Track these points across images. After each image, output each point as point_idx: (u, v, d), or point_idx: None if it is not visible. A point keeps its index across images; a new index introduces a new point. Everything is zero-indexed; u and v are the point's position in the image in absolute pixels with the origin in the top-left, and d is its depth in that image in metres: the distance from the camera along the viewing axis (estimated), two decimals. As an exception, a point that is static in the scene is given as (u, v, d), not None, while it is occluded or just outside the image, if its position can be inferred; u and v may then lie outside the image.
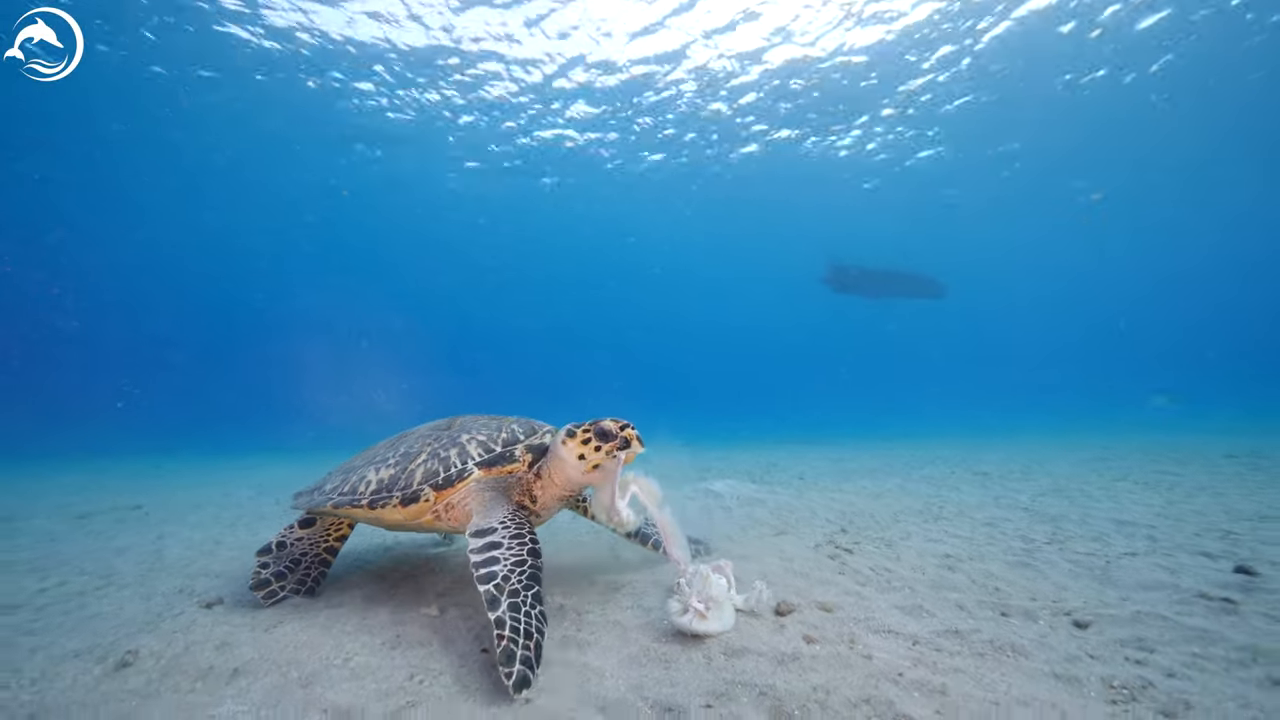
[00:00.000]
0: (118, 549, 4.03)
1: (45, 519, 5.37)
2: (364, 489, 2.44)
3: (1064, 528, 3.97)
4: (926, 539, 3.79)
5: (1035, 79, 18.44)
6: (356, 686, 1.79)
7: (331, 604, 2.55)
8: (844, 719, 1.57)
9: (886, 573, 2.98)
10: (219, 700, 1.71)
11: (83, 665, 1.95)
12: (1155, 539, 3.56)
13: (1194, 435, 11.21)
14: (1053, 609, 2.39)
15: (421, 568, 3.23)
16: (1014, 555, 3.28)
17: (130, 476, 9.54)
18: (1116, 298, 52.27)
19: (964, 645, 2.05)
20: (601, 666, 1.90)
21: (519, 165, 23.32)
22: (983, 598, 2.57)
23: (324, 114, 19.06)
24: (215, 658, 1.99)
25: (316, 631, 2.21)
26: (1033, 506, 4.82)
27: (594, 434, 2.26)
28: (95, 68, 15.40)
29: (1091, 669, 1.85)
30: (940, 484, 6.44)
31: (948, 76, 18.17)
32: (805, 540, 3.75)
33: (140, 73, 16.22)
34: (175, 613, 2.50)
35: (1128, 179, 26.38)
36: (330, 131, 20.34)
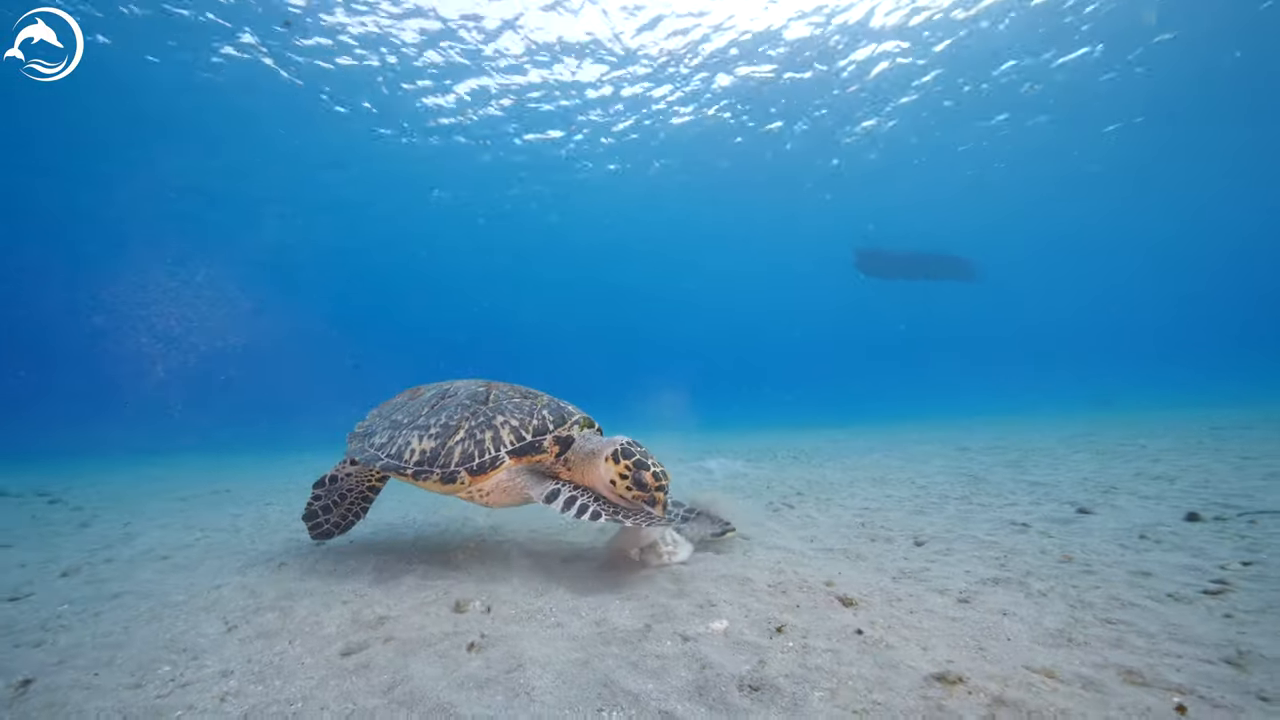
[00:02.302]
0: (231, 515, 5.35)
1: (160, 501, 6.81)
2: (409, 457, 2.73)
3: (981, 488, 4.77)
4: (863, 499, 4.67)
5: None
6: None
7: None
8: (732, 588, 2.55)
9: (808, 520, 3.92)
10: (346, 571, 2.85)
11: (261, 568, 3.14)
12: (1045, 492, 4.35)
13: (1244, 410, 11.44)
14: (907, 537, 3.29)
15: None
16: (918, 507, 4.15)
17: (202, 469, 11.22)
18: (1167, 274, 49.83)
19: (827, 555, 2.99)
20: (628, 579, 2.94)
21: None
22: (865, 532, 3.48)
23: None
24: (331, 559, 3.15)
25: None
26: (977, 474, 5.60)
27: (632, 479, 2.50)
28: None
29: (897, 564, 2.76)
30: (914, 458, 7.21)
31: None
32: (761, 501, 4.70)
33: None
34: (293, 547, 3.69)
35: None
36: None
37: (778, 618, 2.05)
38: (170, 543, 4.05)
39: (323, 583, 2.78)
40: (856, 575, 2.58)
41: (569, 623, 2.15)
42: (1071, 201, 32.21)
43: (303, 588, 2.71)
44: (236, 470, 10.60)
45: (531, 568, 2.88)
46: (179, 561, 3.44)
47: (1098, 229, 37.44)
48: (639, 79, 19.40)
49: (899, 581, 2.48)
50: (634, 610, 2.23)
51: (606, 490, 2.57)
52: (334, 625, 2.23)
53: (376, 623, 2.23)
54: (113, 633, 2.25)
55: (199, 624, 2.31)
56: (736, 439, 12.06)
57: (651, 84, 19.71)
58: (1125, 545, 2.86)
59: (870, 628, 1.93)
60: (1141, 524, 3.26)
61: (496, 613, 2.28)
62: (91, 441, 18.34)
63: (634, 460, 2.51)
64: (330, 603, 2.48)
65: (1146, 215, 34.69)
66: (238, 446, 17.70)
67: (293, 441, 20.19)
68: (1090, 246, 42.25)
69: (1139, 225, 37.00)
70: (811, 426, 16.32)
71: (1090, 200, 32.20)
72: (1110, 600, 2.13)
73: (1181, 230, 37.99)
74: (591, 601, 2.36)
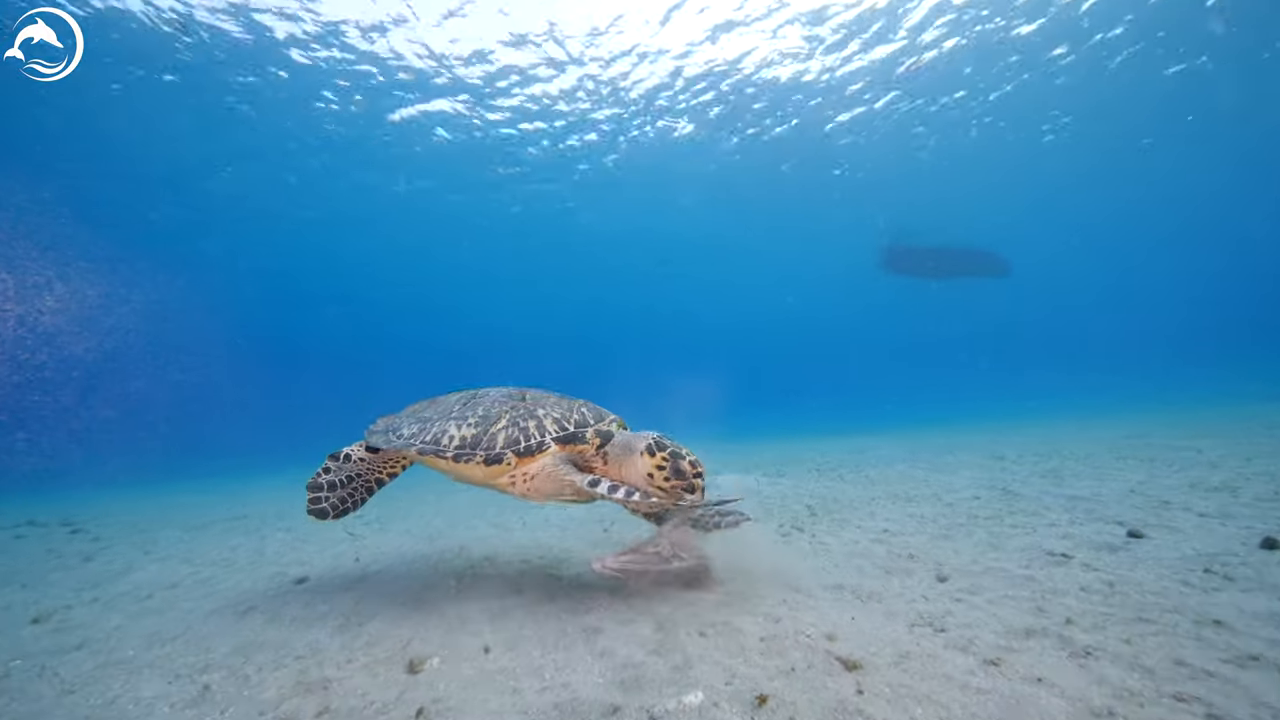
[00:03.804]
0: (230, 547, 5.27)
1: (174, 530, 6.82)
2: (447, 442, 2.69)
3: (1014, 505, 4.33)
4: (883, 519, 4.29)
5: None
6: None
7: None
8: (718, 642, 2.26)
9: (820, 547, 3.58)
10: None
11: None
12: (1088, 509, 3.90)
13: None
14: (928, 569, 2.93)
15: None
16: (943, 530, 3.76)
17: (226, 493, 11.37)
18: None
19: (834, 595, 2.66)
20: (607, 626, 2.69)
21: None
22: (882, 563, 3.12)
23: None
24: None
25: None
26: (1011, 487, 5.13)
27: (670, 469, 2.56)
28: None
29: (914, 606, 2.42)
30: (942, 469, 6.73)
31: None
32: (772, 523, 4.37)
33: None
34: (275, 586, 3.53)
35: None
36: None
37: (764, 685, 1.75)
38: (160, 580, 3.95)
39: (283, 632, 2.60)
40: (865, 623, 2.25)
41: (527, 689, 1.89)
42: (1110, 188, 30.63)
43: (261, 638, 2.53)
44: (262, 493, 10.73)
45: (509, 610, 2.64)
46: (156, 603, 3.32)
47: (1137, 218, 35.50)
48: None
49: (915, 633, 2.14)
50: (604, 672, 1.96)
51: (643, 483, 2.63)
52: (274, 689, 2.02)
53: (320, 686, 2.01)
54: (43, 698, 2.09)
55: (137, 686, 2.14)
56: (756, 449, 11.65)
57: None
58: (1188, 582, 2.45)
59: (874, 703, 1.62)
60: (1206, 551, 2.83)
61: (453, 673, 2.04)
62: (142, 469, 18.95)
63: (669, 451, 2.59)
64: (282, 658, 2.28)
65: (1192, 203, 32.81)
66: (268, 467, 17.94)
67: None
68: (1130, 237, 40.15)
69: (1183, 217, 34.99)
70: (837, 434, 15.75)
71: (1132, 188, 30.52)
72: (1175, 665, 1.76)
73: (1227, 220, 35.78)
74: (560, 659, 2.10)
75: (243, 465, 18.11)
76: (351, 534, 5.18)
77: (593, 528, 4.67)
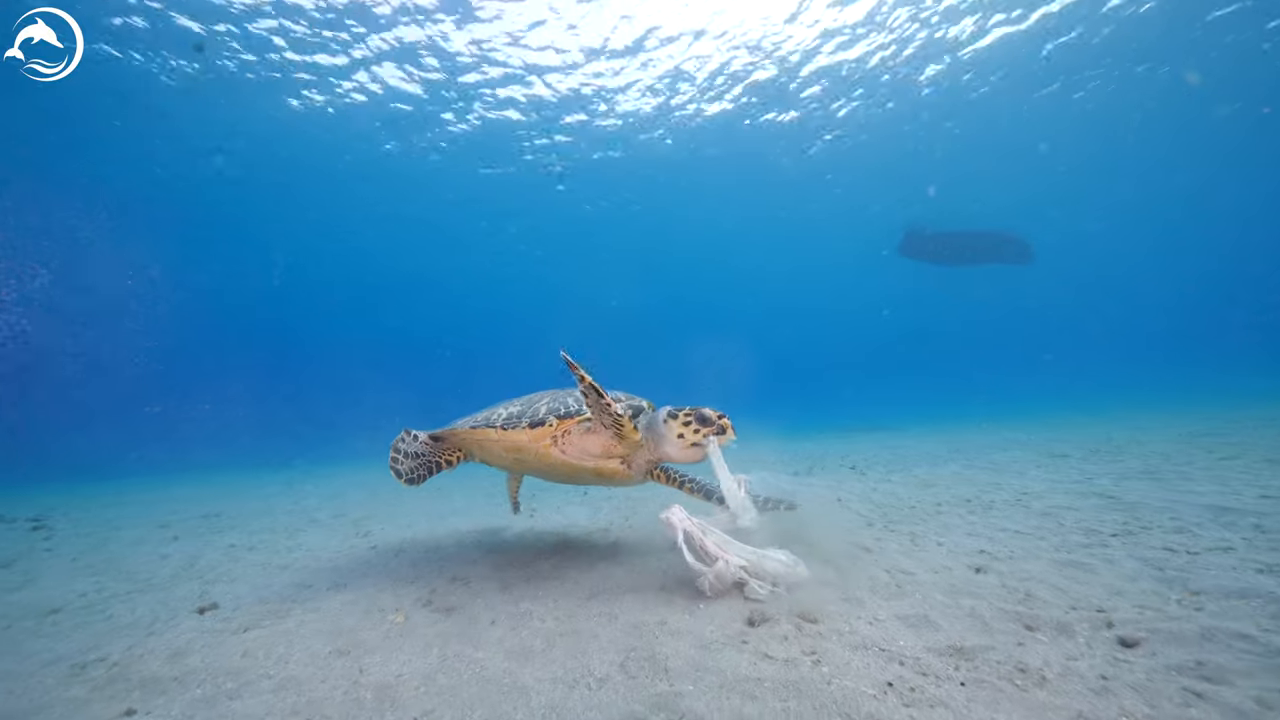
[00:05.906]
0: (160, 556, 4.36)
1: (138, 529, 5.95)
2: (495, 418, 2.90)
3: (1141, 516, 3.34)
4: (966, 534, 3.32)
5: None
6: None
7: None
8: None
9: (901, 576, 2.61)
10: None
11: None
12: (1262, 530, 2.90)
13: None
14: (1094, 621, 1.95)
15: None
16: (1066, 552, 2.78)
17: (219, 486, 10.51)
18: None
19: (964, 667, 1.70)
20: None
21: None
22: (1008, 606, 2.15)
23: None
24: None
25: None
26: (1110, 492, 4.13)
27: (694, 419, 2.65)
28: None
29: (1128, 704, 1.45)
30: (1005, 469, 5.73)
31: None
32: (825, 536, 3.40)
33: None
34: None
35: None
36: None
37: None
38: (67, 592, 3.20)
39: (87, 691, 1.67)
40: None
41: None
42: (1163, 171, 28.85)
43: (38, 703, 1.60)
44: (264, 491, 9.90)
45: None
46: (47, 628, 2.49)
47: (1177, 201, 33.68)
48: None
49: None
50: None
51: (676, 449, 2.72)
52: None
53: None
54: None
55: None
56: (776, 445, 10.66)
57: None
58: None
59: None
60: None
61: None
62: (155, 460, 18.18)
63: (688, 408, 2.70)
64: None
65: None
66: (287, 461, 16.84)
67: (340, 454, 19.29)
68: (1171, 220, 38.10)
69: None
70: (857, 429, 14.73)
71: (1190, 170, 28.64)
72: None
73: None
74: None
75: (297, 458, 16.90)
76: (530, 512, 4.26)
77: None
